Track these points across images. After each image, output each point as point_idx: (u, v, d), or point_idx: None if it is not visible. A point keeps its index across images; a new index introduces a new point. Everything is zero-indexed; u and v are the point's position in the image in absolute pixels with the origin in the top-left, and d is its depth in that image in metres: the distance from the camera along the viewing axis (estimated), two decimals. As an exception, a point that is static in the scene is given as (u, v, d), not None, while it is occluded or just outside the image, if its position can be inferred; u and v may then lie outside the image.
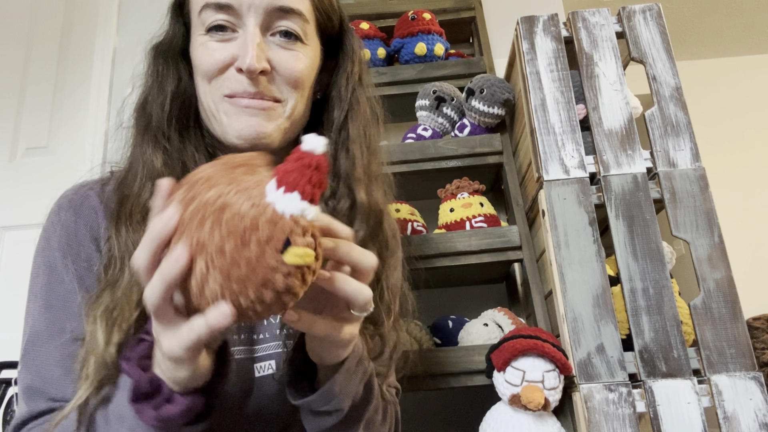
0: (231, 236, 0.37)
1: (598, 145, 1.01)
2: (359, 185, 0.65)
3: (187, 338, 0.40)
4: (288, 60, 0.62)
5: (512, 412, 0.88)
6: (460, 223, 1.13)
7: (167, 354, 0.42)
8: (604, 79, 1.05)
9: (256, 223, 0.37)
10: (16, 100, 1.67)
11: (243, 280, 0.37)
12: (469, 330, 1.06)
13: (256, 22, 0.61)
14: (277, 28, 0.62)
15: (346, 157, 0.67)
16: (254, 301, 0.38)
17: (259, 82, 0.61)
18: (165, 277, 0.38)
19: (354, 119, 0.68)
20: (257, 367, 0.63)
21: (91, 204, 0.64)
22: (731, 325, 0.90)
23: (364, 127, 0.69)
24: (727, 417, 0.85)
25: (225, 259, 0.37)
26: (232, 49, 0.61)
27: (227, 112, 0.62)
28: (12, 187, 1.57)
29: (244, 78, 0.60)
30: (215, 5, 0.61)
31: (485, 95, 1.15)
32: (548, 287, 1.03)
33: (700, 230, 0.95)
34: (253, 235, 0.37)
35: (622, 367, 0.88)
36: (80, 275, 0.60)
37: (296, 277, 0.38)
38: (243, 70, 0.59)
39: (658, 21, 1.08)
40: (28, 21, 1.74)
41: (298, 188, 0.38)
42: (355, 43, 0.71)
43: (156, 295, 0.39)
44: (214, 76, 0.62)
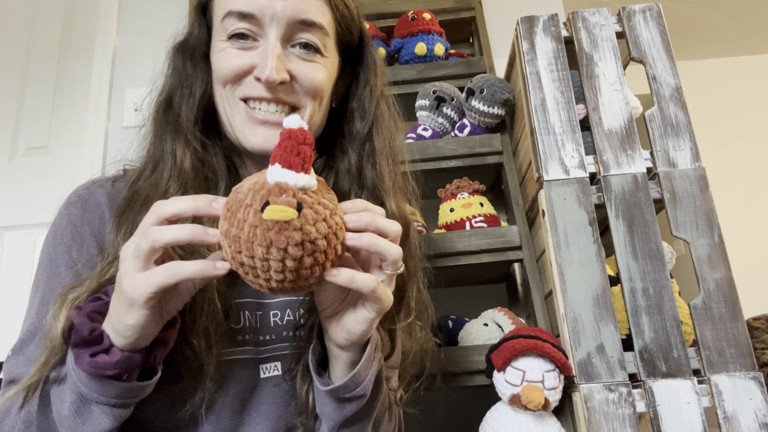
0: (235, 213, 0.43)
1: (598, 145, 1.01)
2: (388, 196, 0.67)
3: (156, 279, 0.44)
4: (308, 70, 0.64)
5: (512, 412, 0.88)
6: (460, 223, 1.13)
7: (127, 294, 0.45)
8: (604, 79, 1.05)
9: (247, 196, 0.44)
10: (16, 100, 1.67)
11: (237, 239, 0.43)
12: (469, 330, 1.06)
13: (277, 33, 0.61)
14: (297, 40, 0.63)
15: (373, 169, 0.68)
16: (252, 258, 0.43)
17: (277, 90, 0.62)
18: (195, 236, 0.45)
19: (379, 132, 0.69)
20: (263, 368, 0.63)
21: (97, 201, 0.64)
22: (731, 325, 0.90)
23: (389, 140, 0.70)
24: (727, 417, 0.85)
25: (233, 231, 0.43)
26: (252, 57, 0.62)
27: (243, 120, 0.63)
28: (12, 187, 1.57)
29: (262, 86, 0.62)
30: (238, 14, 0.61)
31: (485, 95, 1.15)
32: (548, 287, 1.03)
33: (700, 230, 0.95)
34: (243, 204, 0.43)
35: (622, 367, 0.88)
36: (80, 272, 0.60)
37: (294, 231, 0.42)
38: (261, 80, 0.61)
39: (658, 21, 1.08)
40: (28, 21, 1.74)
41: (278, 159, 0.45)
42: (376, 55, 0.73)
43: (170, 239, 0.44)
44: (230, 81, 0.63)
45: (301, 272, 0.44)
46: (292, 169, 0.44)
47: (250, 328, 0.64)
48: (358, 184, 0.67)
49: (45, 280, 0.62)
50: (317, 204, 0.45)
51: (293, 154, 0.44)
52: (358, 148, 0.69)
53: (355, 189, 0.67)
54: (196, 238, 0.45)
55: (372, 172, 0.67)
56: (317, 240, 0.44)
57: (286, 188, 0.44)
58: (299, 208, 0.43)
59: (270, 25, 0.61)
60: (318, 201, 0.45)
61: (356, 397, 0.55)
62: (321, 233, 0.44)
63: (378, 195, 0.66)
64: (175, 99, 0.66)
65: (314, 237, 0.43)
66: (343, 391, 0.55)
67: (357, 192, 0.67)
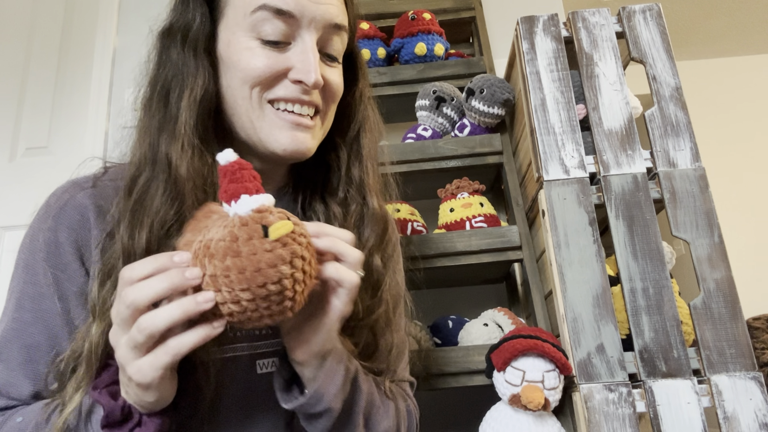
0: (226, 256, 0.43)
1: (598, 145, 1.01)
2: (372, 195, 0.67)
3: (161, 361, 0.44)
4: (333, 77, 0.64)
5: (512, 412, 0.88)
6: (460, 223, 1.13)
7: (137, 381, 0.45)
8: (604, 79, 1.05)
9: (235, 234, 0.44)
10: (16, 100, 1.67)
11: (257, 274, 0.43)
12: (469, 330, 1.06)
13: (314, 37, 0.60)
14: (326, 47, 0.63)
15: (359, 167, 0.68)
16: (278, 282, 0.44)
17: (310, 93, 0.61)
18: (189, 311, 0.43)
19: (366, 133, 0.70)
20: (259, 364, 0.62)
21: (78, 204, 0.62)
22: (731, 325, 0.90)
23: (374, 142, 0.71)
24: (727, 417, 0.85)
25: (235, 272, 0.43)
26: (287, 59, 0.60)
27: (272, 122, 0.61)
28: (12, 187, 1.57)
29: (299, 88, 0.60)
30: (275, 10, 0.58)
31: (485, 95, 1.15)
32: (548, 287, 1.03)
33: (700, 230, 0.95)
34: (239, 243, 0.43)
35: (622, 367, 0.88)
36: (56, 279, 0.59)
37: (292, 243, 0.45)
38: (307, 84, 0.59)
39: (658, 21, 1.08)
40: (28, 21, 1.74)
41: (241, 191, 0.46)
42: (363, 60, 0.73)
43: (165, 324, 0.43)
44: (260, 83, 0.60)
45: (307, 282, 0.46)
46: (259, 193, 0.47)
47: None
48: (346, 181, 0.68)
49: (20, 287, 0.60)
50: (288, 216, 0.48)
51: (250, 180, 0.47)
52: (347, 147, 0.70)
53: (343, 185, 0.68)
54: (190, 313, 0.44)
55: (359, 170, 0.68)
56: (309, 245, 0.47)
57: (266, 209, 0.46)
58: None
59: (308, 26, 0.60)
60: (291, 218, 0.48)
61: (323, 412, 0.54)
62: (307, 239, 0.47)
63: (363, 192, 0.68)
64: (173, 96, 0.60)
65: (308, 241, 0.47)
66: (306, 408, 0.54)
67: (345, 188, 0.68)
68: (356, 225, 0.66)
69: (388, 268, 0.69)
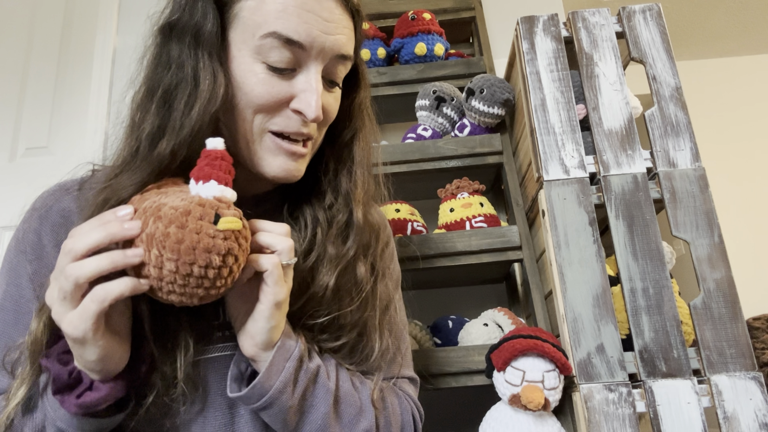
0: (171, 223, 0.46)
1: (598, 145, 1.01)
2: (357, 206, 0.67)
3: (90, 311, 0.45)
4: (331, 105, 0.64)
5: (512, 412, 0.88)
6: (460, 223, 1.13)
7: (71, 335, 0.46)
8: (604, 79, 1.05)
9: (188, 209, 0.47)
10: (16, 100, 1.67)
11: (191, 251, 0.46)
12: (469, 330, 1.06)
13: (320, 67, 0.60)
14: (329, 77, 0.62)
15: (348, 177, 0.68)
16: (205, 267, 0.46)
17: (310, 125, 0.61)
18: (117, 262, 0.46)
19: (359, 142, 0.70)
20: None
21: (62, 208, 0.62)
22: (731, 325, 0.90)
23: (367, 151, 0.70)
24: (727, 417, 0.85)
25: (171, 240, 0.45)
26: (291, 88, 0.59)
27: (268, 148, 0.61)
28: (12, 187, 1.57)
29: (299, 120, 0.60)
30: (286, 39, 0.57)
31: (485, 95, 1.15)
32: (548, 287, 1.03)
33: (700, 230, 0.95)
34: (189, 218, 0.46)
35: (622, 367, 0.88)
36: (40, 282, 0.59)
37: (233, 241, 0.48)
38: (307, 117, 0.59)
39: (658, 21, 1.08)
40: (28, 21, 1.74)
41: (213, 176, 0.49)
42: (365, 70, 0.73)
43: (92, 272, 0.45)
44: (264, 110, 0.59)
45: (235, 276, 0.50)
46: (228, 186, 0.50)
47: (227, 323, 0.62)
48: (334, 189, 0.68)
49: (3, 288, 0.61)
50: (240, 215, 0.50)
51: (226, 172, 0.50)
52: (337, 154, 0.69)
53: (330, 193, 0.68)
54: (118, 264, 0.46)
55: (347, 180, 0.68)
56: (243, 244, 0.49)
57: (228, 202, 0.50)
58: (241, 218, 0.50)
59: (316, 57, 0.59)
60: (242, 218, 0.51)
61: (266, 405, 0.55)
62: (246, 239, 0.50)
63: (349, 202, 0.68)
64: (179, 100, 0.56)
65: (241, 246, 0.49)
66: (246, 400, 0.55)
67: (333, 196, 0.68)
68: (341, 233, 0.67)
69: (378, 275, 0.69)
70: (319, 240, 0.65)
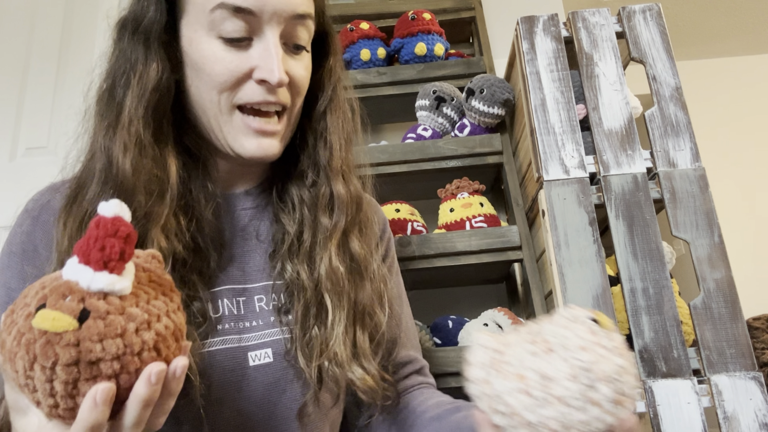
0: (16, 305, 0.36)
1: (598, 145, 1.01)
2: (336, 176, 0.66)
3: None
4: (299, 71, 0.62)
5: (512, 412, 0.88)
6: (460, 223, 1.13)
7: None
8: (604, 79, 1.05)
9: (35, 290, 0.36)
10: (16, 100, 1.67)
11: (2, 346, 0.35)
12: (469, 330, 1.06)
13: (277, 31, 0.59)
14: (291, 39, 0.61)
15: (324, 147, 0.67)
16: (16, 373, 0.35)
17: (277, 92, 0.60)
18: None
19: (333, 111, 0.68)
20: (252, 356, 0.61)
21: (54, 207, 0.61)
22: (731, 325, 0.90)
23: (342, 120, 0.69)
24: (727, 417, 0.85)
25: (4, 327, 0.36)
26: (249, 59, 0.58)
27: (238, 128, 0.61)
28: (12, 187, 1.57)
29: (264, 89, 0.59)
30: (233, 8, 0.56)
31: (485, 95, 1.15)
32: (548, 287, 1.03)
33: (700, 230, 0.95)
34: (23, 303, 0.36)
35: (622, 367, 0.88)
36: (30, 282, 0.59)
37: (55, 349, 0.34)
38: (271, 83, 0.58)
39: (658, 21, 1.08)
40: (28, 21, 1.74)
41: (77, 252, 0.36)
42: (336, 39, 0.71)
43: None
44: (227, 88, 0.59)
45: (78, 401, 0.35)
46: (89, 265, 0.35)
47: (231, 316, 0.62)
48: (314, 164, 0.67)
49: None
50: (117, 314, 0.36)
51: (96, 248, 0.35)
52: (314, 127, 0.68)
53: (310, 168, 0.67)
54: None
55: (324, 151, 0.67)
56: (101, 362, 0.35)
57: (74, 290, 0.35)
58: (82, 318, 0.34)
59: (270, 22, 0.58)
60: (121, 310, 0.36)
61: None
62: (110, 353, 0.35)
63: (327, 175, 0.66)
64: (118, 88, 0.58)
65: (96, 358, 0.34)
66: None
67: (312, 172, 0.67)
68: (327, 208, 0.66)
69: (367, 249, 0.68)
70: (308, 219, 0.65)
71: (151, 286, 0.40)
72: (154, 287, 0.40)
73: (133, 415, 0.37)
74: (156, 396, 0.38)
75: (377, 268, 0.68)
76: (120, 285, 0.36)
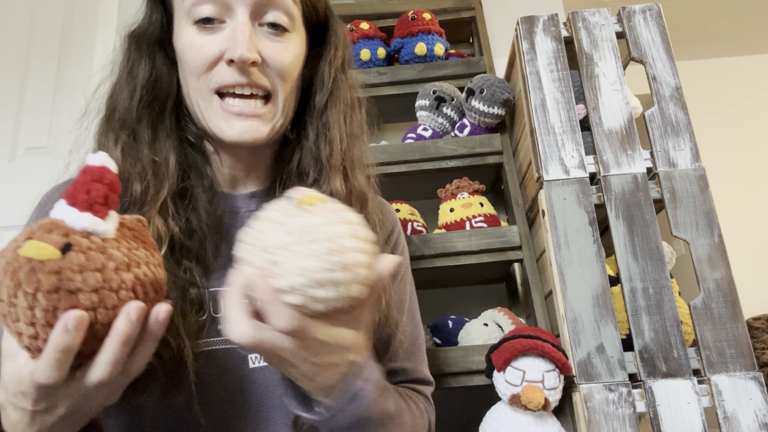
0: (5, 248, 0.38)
1: (598, 145, 1.01)
2: (335, 172, 0.65)
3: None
4: (278, 52, 0.61)
5: (512, 412, 0.88)
6: (460, 223, 1.13)
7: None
8: (604, 79, 1.05)
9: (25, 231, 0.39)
10: (16, 100, 1.67)
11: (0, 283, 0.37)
12: (469, 330, 1.06)
13: (245, 10, 0.59)
14: (266, 18, 0.60)
15: (325, 142, 0.66)
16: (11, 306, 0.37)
17: (250, 73, 0.59)
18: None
19: (334, 104, 0.67)
20: (252, 358, 0.61)
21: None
22: (731, 325, 0.90)
23: (344, 113, 0.67)
24: (727, 417, 0.85)
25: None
26: (221, 42, 0.59)
27: (217, 113, 0.61)
28: (12, 187, 1.57)
29: (235, 70, 0.59)
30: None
31: (485, 95, 1.15)
32: (548, 287, 1.03)
33: (700, 230, 0.95)
34: (14, 239, 0.38)
35: (622, 367, 0.88)
36: None
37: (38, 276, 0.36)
38: (234, 60, 0.58)
39: (658, 21, 1.08)
40: (28, 21, 1.74)
41: (65, 196, 0.39)
42: (339, 29, 0.70)
43: None
44: (203, 72, 0.60)
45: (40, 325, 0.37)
46: (75, 206, 0.38)
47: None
48: (314, 160, 0.66)
49: None
50: (97, 251, 0.38)
51: (82, 191, 0.38)
52: (315, 123, 0.67)
53: (311, 166, 0.66)
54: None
55: (325, 147, 0.66)
56: (80, 292, 0.36)
57: (59, 226, 0.38)
58: (65, 250, 0.36)
59: (237, 2, 0.59)
60: (102, 249, 0.38)
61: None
62: (89, 285, 0.37)
63: (327, 171, 0.65)
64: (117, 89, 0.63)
65: (76, 287, 0.36)
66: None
67: (313, 170, 0.65)
68: None
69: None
70: None
71: (134, 240, 0.42)
72: (137, 242, 0.42)
73: (110, 351, 0.38)
74: (134, 334, 0.39)
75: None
76: (102, 227, 0.39)
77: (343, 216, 0.40)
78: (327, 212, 0.40)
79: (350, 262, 0.38)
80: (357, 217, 0.42)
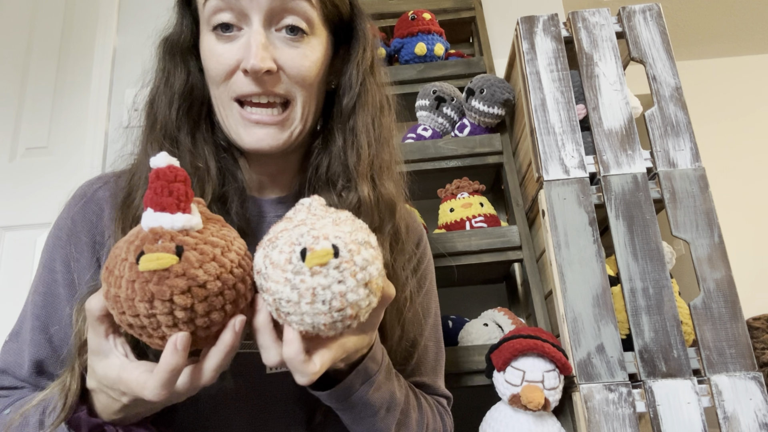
0: (111, 266, 0.41)
1: (598, 145, 1.01)
2: (363, 179, 0.63)
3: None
4: (294, 59, 0.60)
5: (512, 412, 0.88)
6: (460, 223, 1.13)
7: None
8: (604, 79, 1.05)
9: (122, 248, 0.41)
10: (16, 100, 1.67)
11: (117, 299, 0.40)
12: (469, 330, 1.06)
13: (260, 17, 0.58)
14: (282, 24, 0.59)
15: (352, 148, 0.64)
16: (137, 317, 0.40)
17: (264, 82, 0.59)
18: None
19: (362, 108, 0.65)
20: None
21: (99, 197, 0.64)
22: (731, 325, 0.90)
23: (373, 117, 0.66)
24: (727, 417, 0.85)
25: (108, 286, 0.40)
26: (237, 51, 0.59)
27: (236, 120, 0.61)
28: (12, 187, 1.57)
29: (250, 80, 0.59)
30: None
31: (485, 95, 1.15)
32: (548, 287, 1.03)
33: (700, 230, 0.95)
34: (119, 259, 0.40)
35: (622, 367, 0.88)
36: (70, 267, 0.62)
37: (168, 283, 0.38)
38: (248, 71, 0.57)
39: (658, 21, 1.08)
40: (28, 21, 1.74)
41: (149, 203, 0.41)
42: (366, 28, 0.68)
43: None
44: (222, 81, 0.60)
45: (198, 322, 0.40)
46: (166, 210, 0.40)
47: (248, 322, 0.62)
48: (343, 167, 0.64)
49: (39, 272, 0.64)
50: (203, 244, 0.41)
51: (164, 194, 0.40)
52: (342, 128, 0.65)
53: (340, 173, 0.64)
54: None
55: (352, 153, 0.64)
56: (208, 283, 0.40)
57: (162, 233, 0.40)
58: (179, 252, 0.39)
59: (252, 8, 0.58)
60: (204, 240, 0.41)
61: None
62: (212, 274, 0.40)
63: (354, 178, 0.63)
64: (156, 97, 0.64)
65: (203, 280, 0.39)
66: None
67: (342, 178, 0.64)
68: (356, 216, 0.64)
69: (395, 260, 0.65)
70: None
71: (211, 222, 0.45)
72: (215, 223, 0.45)
73: (216, 359, 0.42)
74: (237, 345, 0.43)
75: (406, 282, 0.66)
76: (194, 221, 0.42)
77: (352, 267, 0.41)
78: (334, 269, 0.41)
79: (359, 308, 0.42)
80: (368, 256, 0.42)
